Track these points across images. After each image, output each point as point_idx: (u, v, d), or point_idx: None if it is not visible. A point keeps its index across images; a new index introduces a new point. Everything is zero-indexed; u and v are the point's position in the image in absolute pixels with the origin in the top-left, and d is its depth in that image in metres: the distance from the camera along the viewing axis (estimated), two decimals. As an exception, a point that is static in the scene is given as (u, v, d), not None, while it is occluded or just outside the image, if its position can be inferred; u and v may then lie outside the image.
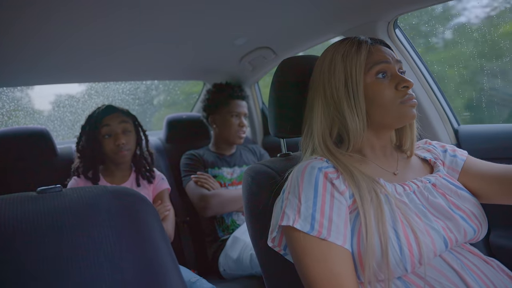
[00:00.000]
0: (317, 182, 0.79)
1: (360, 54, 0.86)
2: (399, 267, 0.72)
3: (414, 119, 0.88)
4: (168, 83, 3.08)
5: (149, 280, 0.67)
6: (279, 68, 1.07)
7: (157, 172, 1.78)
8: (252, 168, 1.03)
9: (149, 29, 1.50)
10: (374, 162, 0.90)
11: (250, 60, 2.05)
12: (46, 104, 2.67)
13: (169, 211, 1.66)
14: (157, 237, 0.72)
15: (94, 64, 1.90)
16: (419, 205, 0.81)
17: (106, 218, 0.68)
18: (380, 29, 1.42)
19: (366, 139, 0.90)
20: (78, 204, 0.68)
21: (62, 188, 0.70)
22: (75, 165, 1.64)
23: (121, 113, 1.65)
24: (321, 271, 0.74)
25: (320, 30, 1.63)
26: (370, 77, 0.86)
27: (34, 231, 0.62)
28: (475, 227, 0.82)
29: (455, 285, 0.72)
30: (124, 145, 1.58)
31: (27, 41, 1.44)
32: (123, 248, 0.66)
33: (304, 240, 0.75)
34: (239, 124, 2.00)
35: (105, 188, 0.73)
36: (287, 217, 0.77)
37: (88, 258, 0.63)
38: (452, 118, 1.48)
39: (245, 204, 1.01)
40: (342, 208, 0.78)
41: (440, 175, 0.91)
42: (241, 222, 1.85)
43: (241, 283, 1.57)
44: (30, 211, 0.64)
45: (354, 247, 0.76)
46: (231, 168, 1.99)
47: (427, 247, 0.73)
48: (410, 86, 0.84)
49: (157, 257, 0.70)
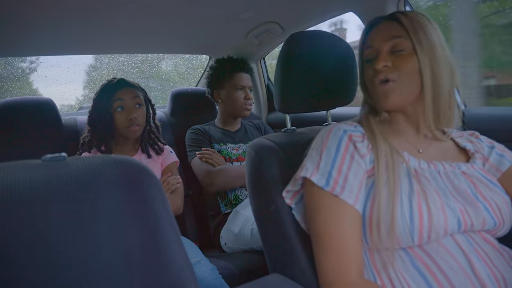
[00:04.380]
0: (340, 142, 0.83)
1: (361, 38, 0.93)
2: (406, 236, 0.73)
3: (392, 104, 0.86)
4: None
5: (151, 250, 0.68)
6: (287, 42, 1.06)
7: (165, 145, 1.79)
8: (255, 142, 1.02)
9: (154, 2, 1.48)
10: (404, 137, 0.90)
11: (256, 34, 2.02)
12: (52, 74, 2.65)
13: (179, 183, 1.68)
14: (159, 208, 0.72)
15: (99, 37, 1.88)
16: (440, 183, 0.81)
17: (109, 188, 0.68)
18: (390, 6, 1.39)
19: (392, 114, 0.91)
20: (81, 173, 0.68)
21: (67, 157, 0.70)
22: (86, 138, 1.65)
23: (134, 87, 1.65)
24: (329, 227, 0.77)
25: (327, 5, 1.60)
26: (363, 61, 0.93)
27: (39, 198, 0.62)
28: (497, 220, 0.80)
29: (461, 267, 0.72)
30: (136, 119, 1.59)
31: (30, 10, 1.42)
32: (125, 218, 0.67)
33: (318, 194, 0.80)
34: (245, 97, 1.98)
35: (109, 157, 0.73)
36: (306, 169, 0.82)
37: (91, 227, 0.64)
38: (459, 99, 1.46)
39: (248, 178, 1.02)
40: (360, 171, 0.80)
41: (474, 166, 0.88)
42: (244, 197, 1.86)
43: (241, 257, 1.60)
44: (35, 178, 0.64)
45: (367, 212, 0.78)
46: (236, 144, 1.99)
47: (438, 223, 0.73)
48: (377, 67, 0.85)
49: (159, 228, 0.70)
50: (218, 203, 1.87)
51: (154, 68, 3.14)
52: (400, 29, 0.85)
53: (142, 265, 0.65)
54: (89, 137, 1.63)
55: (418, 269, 0.74)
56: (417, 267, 0.74)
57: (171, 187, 1.65)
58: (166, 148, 1.78)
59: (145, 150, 1.70)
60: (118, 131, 1.62)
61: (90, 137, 1.63)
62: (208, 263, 1.38)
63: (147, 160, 1.69)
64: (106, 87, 1.62)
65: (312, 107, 1.07)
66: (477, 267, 0.72)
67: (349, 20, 4.18)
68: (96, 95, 1.64)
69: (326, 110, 1.16)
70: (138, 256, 0.66)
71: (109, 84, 1.63)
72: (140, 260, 0.65)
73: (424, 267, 0.74)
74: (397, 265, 0.75)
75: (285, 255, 0.92)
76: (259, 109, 2.55)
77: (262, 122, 2.22)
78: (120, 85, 1.62)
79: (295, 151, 0.97)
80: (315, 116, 1.88)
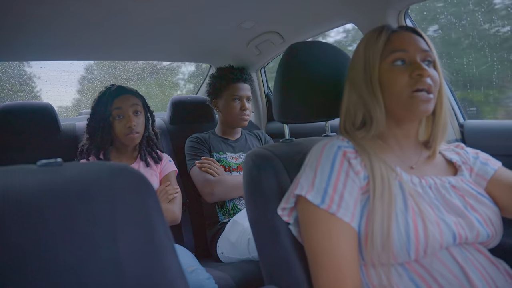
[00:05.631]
0: (334, 159, 0.82)
1: (378, 41, 0.86)
2: (403, 252, 0.73)
3: (425, 115, 0.85)
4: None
5: (145, 259, 0.67)
6: (286, 53, 1.06)
7: (163, 154, 1.78)
8: (253, 152, 1.02)
9: (155, 9, 1.48)
10: (394, 152, 0.89)
11: (257, 44, 2.03)
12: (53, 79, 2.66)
13: (178, 193, 1.67)
14: (154, 216, 0.72)
15: (100, 43, 1.89)
16: (433, 199, 0.81)
17: (105, 195, 0.68)
18: (391, 18, 1.40)
19: (389, 127, 0.89)
20: (78, 178, 0.67)
21: (62, 163, 0.70)
22: (85, 146, 1.64)
23: (132, 94, 1.65)
24: (325, 244, 0.76)
25: (328, 16, 1.61)
26: (386, 64, 0.85)
27: (33, 203, 0.62)
28: (490, 231, 0.80)
29: (457, 279, 0.72)
30: (135, 126, 1.59)
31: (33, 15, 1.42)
32: (120, 226, 0.66)
33: (314, 212, 0.79)
34: (241, 108, 1.98)
35: (105, 164, 0.72)
36: (301, 186, 0.81)
37: (85, 234, 0.63)
38: (458, 112, 1.46)
39: (245, 187, 1.01)
40: (355, 188, 0.79)
41: (463, 179, 0.89)
42: (242, 207, 1.85)
43: (238, 267, 1.58)
44: (29, 183, 0.63)
45: (362, 228, 0.77)
46: (236, 153, 1.98)
47: (434, 237, 0.73)
48: (425, 75, 0.81)
49: (154, 237, 0.70)
50: (216, 212, 1.86)
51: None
52: (424, 43, 0.87)
53: (136, 273, 0.64)
54: (87, 145, 1.63)
55: (415, 283, 0.73)
56: (414, 281, 0.74)
57: (169, 196, 1.64)
58: (165, 156, 1.77)
59: (144, 158, 1.69)
60: (117, 138, 1.62)
61: (88, 145, 1.62)
62: (204, 272, 1.37)
63: (145, 168, 1.69)
64: (104, 95, 1.62)
65: (311, 117, 1.07)
66: (473, 279, 0.72)
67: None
68: (94, 102, 1.63)
69: (325, 120, 1.16)
70: (131, 264, 0.65)
71: (107, 92, 1.62)
72: (134, 268, 0.64)
73: (421, 280, 0.73)
74: (394, 279, 0.75)
75: (281, 266, 0.91)
76: (259, 119, 2.55)
77: (262, 132, 2.22)
78: (118, 92, 1.62)
79: (293, 161, 0.96)
80: (314, 127, 1.88)
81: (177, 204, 1.65)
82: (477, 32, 1.61)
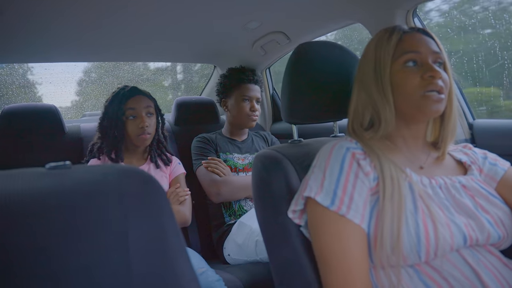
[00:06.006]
0: (343, 160, 0.81)
1: (390, 42, 0.86)
2: (413, 254, 0.72)
3: (436, 115, 0.86)
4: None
5: (156, 262, 0.67)
6: (295, 53, 1.05)
7: (173, 156, 1.80)
8: (262, 154, 1.01)
9: (159, 10, 1.48)
10: (403, 153, 0.89)
11: (262, 44, 2.02)
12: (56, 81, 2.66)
13: (188, 195, 1.68)
14: (165, 219, 0.71)
15: (105, 44, 1.89)
16: (443, 199, 0.80)
17: (114, 198, 0.67)
18: (399, 18, 1.38)
19: (397, 128, 0.89)
20: (87, 181, 0.67)
21: (71, 165, 0.69)
22: (96, 145, 1.65)
23: (146, 96, 1.67)
24: (335, 247, 0.75)
25: (335, 15, 1.60)
26: (397, 65, 0.85)
27: (42, 207, 0.61)
28: (501, 233, 0.79)
29: (469, 281, 0.71)
30: (147, 127, 1.60)
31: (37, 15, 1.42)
32: (130, 229, 0.66)
33: (323, 214, 0.78)
34: (250, 108, 1.98)
35: (114, 167, 0.72)
36: (309, 188, 0.80)
37: (95, 237, 0.62)
38: (468, 112, 1.45)
39: (254, 189, 1.00)
40: (364, 189, 0.79)
41: (473, 178, 0.88)
42: (248, 208, 1.84)
43: (245, 269, 1.58)
44: (39, 187, 0.63)
45: (371, 229, 0.76)
46: (243, 154, 1.98)
47: (444, 240, 0.72)
48: (437, 76, 0.82)
49: (165, 240, 0.69)
50: (222, 213, 1.85)
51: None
52: (435, 45, 0.87)
53: (147, 277, 0.64)
54: (99, 143, 1.64)
55: (427, 284, 0.73)
56: (425, 282, 0.73)
57: (180, 198, 1.65)
58: (174, 159, 1.79)
59: (154, 159, 1.69)
60: (128, 139, 1.63)
61: (100, 144, 1.64)
62: (214, 274, 1.37)
63: (155, 170, 1.70)
64: (118, 94, 1.63)
65: (320, 118, 1.06)
66: (486, 281, 0.71)
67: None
68: (107, 102, 1.65)
69: (333, 121, 1.15)
70: (143, 268, 0.64)
71: (120, 92, 1.64)
72: (145, 272, 0.64)
73: (432, 282, 0.73)
74: (405, 281, 0.74)
75: (292, 269, 0.90)
76: (264, 119, 2.54)
77: (268, 133, 2.22)
78: (132, 93, 1.64)
79: (302, 162, 0.95)
80: (321, 127, 1.87)
81: (187, 206, 1.66)
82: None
